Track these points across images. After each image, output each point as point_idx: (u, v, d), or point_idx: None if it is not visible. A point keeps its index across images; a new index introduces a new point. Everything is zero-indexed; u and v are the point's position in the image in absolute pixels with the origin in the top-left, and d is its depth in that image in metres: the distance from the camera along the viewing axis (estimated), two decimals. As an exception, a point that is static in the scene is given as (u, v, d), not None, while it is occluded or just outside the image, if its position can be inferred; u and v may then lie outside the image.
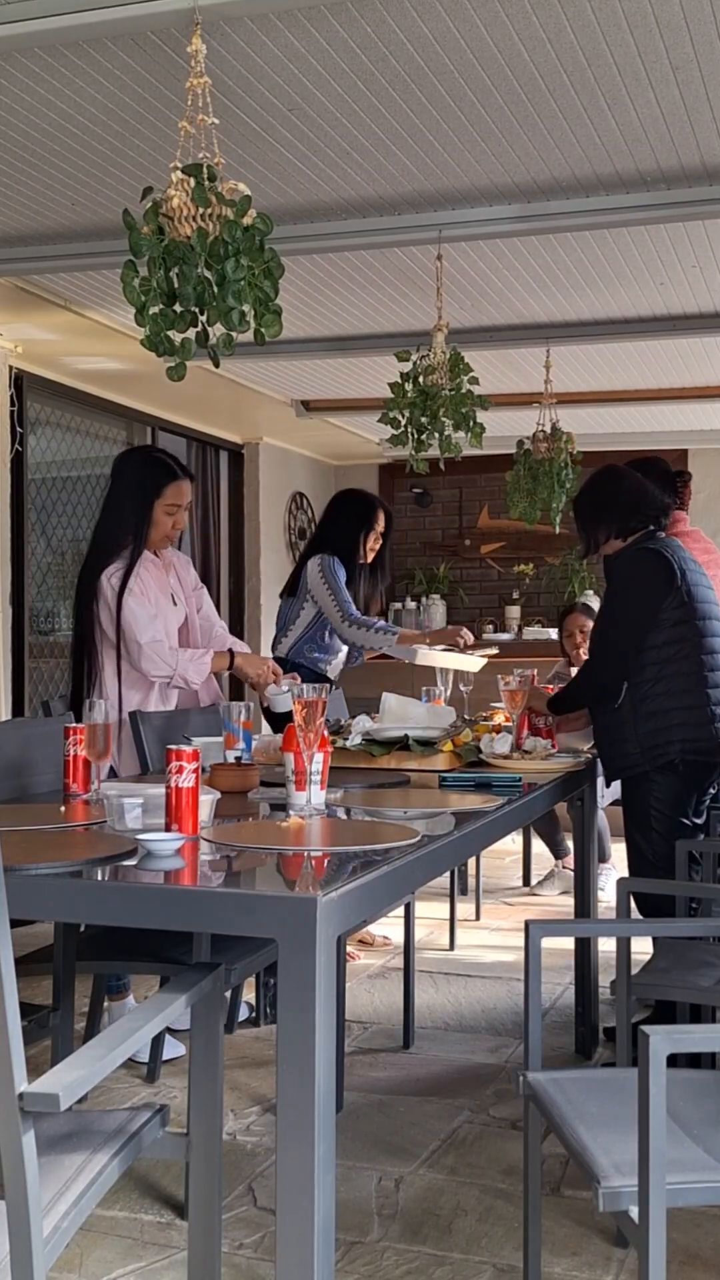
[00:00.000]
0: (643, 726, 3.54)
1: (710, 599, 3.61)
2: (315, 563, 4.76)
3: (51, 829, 2.38)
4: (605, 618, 3.67)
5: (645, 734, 3.53)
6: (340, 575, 4.74)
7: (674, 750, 3.51)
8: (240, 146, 3.71)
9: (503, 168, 3.88)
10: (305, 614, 4.80)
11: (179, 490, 3.87)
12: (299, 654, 4.79)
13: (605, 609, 3.69)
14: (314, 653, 4.80)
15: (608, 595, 3.69)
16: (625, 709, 3.58)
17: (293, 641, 4.82)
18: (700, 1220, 2.71)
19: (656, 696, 3.53)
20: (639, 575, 3.59)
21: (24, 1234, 1.58)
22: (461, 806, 2.69)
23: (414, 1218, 2.75)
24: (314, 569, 4.76)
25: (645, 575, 3.57)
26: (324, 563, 4.75)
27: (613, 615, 3.62)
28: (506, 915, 5.72)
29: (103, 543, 3.85)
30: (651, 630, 3.54)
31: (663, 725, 3.52)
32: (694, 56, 3.17)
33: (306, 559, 4.84)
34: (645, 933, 3.40)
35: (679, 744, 3.51)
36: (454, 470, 5.60)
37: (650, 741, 3.53)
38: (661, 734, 3.52)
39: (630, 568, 3.63)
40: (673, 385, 7.21)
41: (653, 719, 3.53)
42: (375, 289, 5.21)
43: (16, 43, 3.00)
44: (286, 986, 1.74)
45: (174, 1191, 2.85)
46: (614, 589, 3.66)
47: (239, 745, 3.01)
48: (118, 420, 7.36)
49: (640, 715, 3.54)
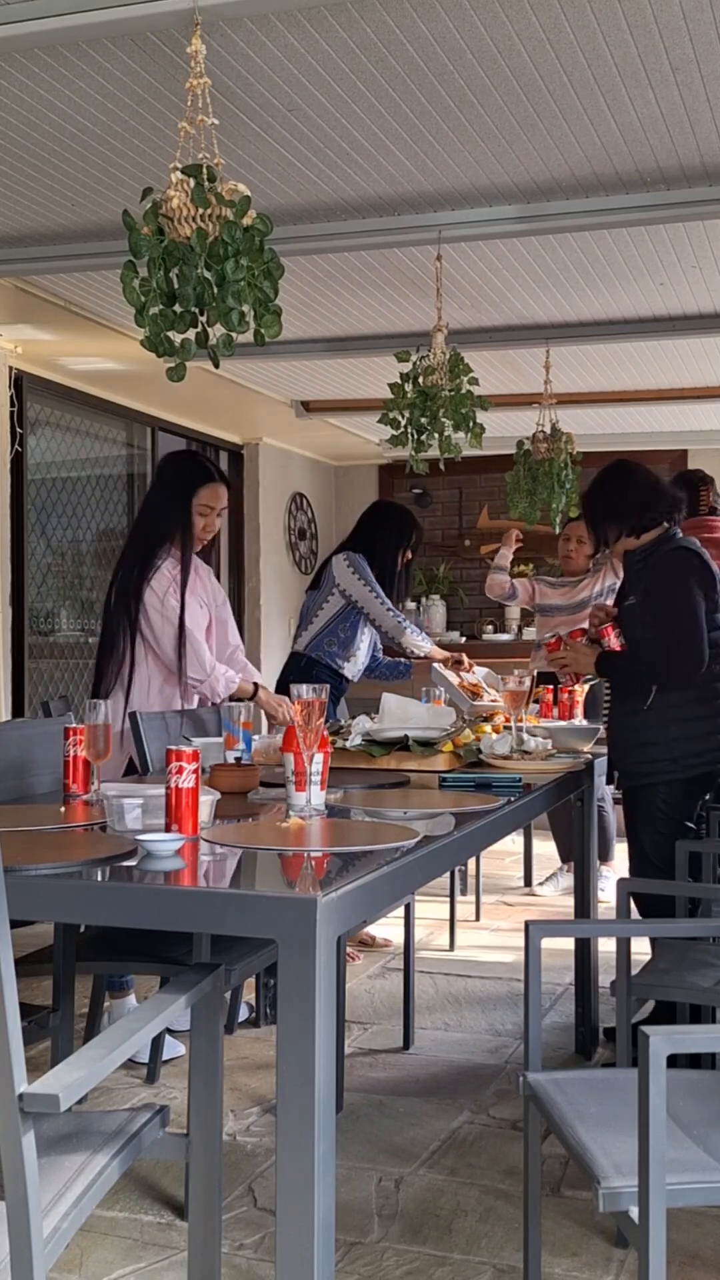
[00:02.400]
0: (674, 732, 3.46)
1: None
2: (342, 558, 4.88)
3: (51, 829, 2.37)
4: (669, 607, 3.47)
5: (676, 740, 3.46)
6: (368, 570, 4.85)
7: (708, 759, 3.44)
8: (240, 147, 3.71)
9: (503, 168, 3.88)
10: (329, 608, 4.88)
11: (214, 493, 3.97)
12: (318, 648, 4.87)
13: (666, 601, 3.49)
14: (333, 648, 4.87)
15: (663, 588, 3.51)
16: (655, 712, 3.48)
17: (312, 636, 4.92)
18: (700, 1220, 2.71)
19: (689, 703, 3.46)
20: (692, 569, 3.50)
21: (24, 1234, 1.58)
22: (461, 807, 2.70)
23: (414, 1218, 2.75)
24: (341, 564, 4.86)
25: (697, 569, 3.50)
26: (351, 559, 4.86)
27: (676, 603, 3.46)
28: (506, 915, 5.72)
29: (143, 539, 3.93)
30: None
31: (697, 732, 3.45)
32: (694, 56, 3.17)
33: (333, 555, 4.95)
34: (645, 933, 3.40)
35: (712, 753, 3.45)
36: (454, 471, 5.60)
37: (682, 749, 3.46)
38: (695, 741, 3.45)
39: (682, 564, 3.51)
40: (672, 386, 7.21)
41: (685, 725, 3.46)
42: (375, 289, 5.21)
43: (16, 43, 3.00)
44: (286, 987, 1.74)
45: (174, 1192, 2.85)
46: (673, 581, 3.50)
47: (239, 745, 3.01)
48: (118, 421, 7.36)
49: (671, 720, 3.46)
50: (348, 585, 4.83)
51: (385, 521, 5.05)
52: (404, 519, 5.09)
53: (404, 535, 5.02)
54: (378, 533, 5.00)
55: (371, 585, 4.82)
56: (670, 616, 3.45)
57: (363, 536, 5.02)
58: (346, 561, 4.85)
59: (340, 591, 4.85)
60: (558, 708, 5.01)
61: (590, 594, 5.98)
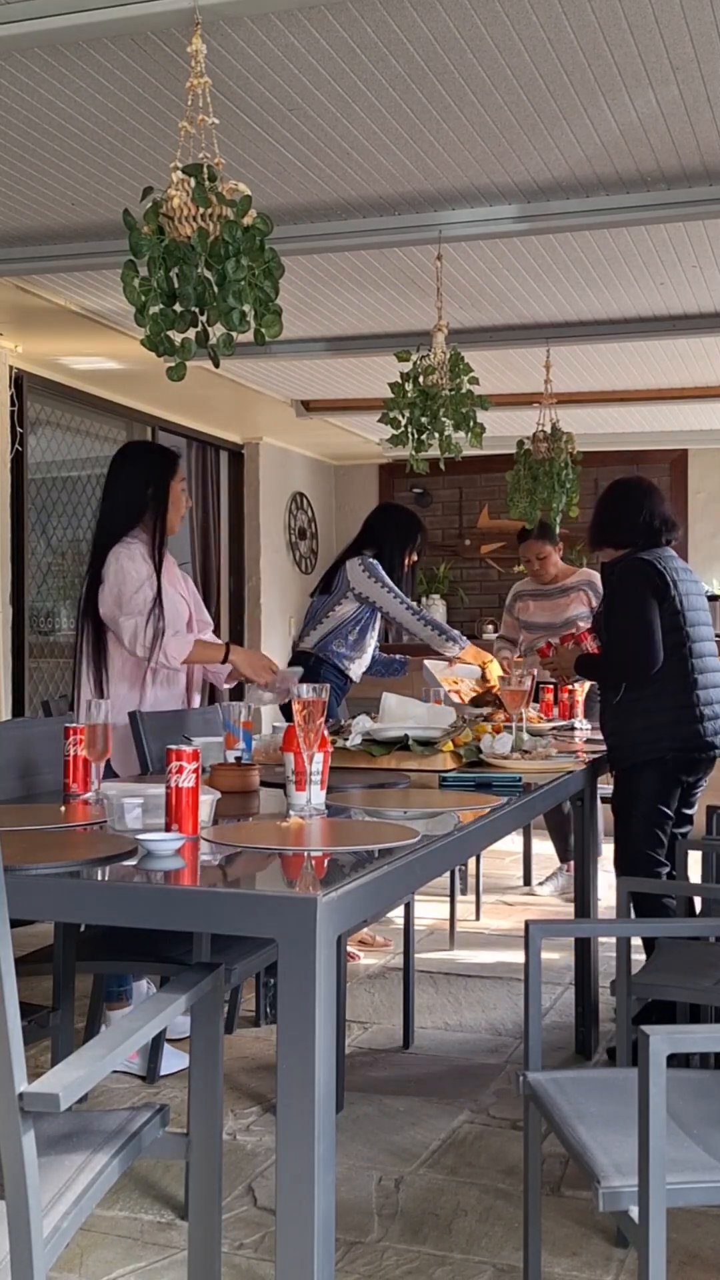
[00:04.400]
0: (635, 723, 3.77)
1: (702, 606, 3.87)
2: (357, 563, 4.90)
3: (51, 829, 2.37)
4: (623, 613, 3.79)
5: (636, 730, 3.77)
6: (384, 573, 4.89)
7: (664, 746, 3.74)
8: (240, 146, 3.71)
9: (503, 168, 3.88)
10: (340, 611, 4.90)
11: (181, 469, 4.05)
12: (325, 648, 4.90)
13: (621, 608, 3.81)
14: (341, 649, 4.89)
15: (619, 597, 3.84)
16: (622, 705, 3.82)
17: (320, 636, 4.94)
18: (700, 1220, 2.71)
19: (647, 698, 3.76)
20: (644, 578, 3.80)
21: (24, 1234, 1.58)
22: (461, 806, 2.69)
23: (414, 1218, 2.75)
24: (357, 568, 4.89)
25: (649, 578, 3.79)
26: (366, 563, 4.90)
27: (628, 610, 3.78)
28: (506, 915, 5.72)
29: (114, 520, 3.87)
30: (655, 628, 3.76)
31: (655, 723, 3.75)
32: (694, 56, 3.17)
33: (344, 560, 4.97)
34: (645, 933, 3.40)
35: (668, 740, 3.73)
36: (454, 470, 5.61)
37: (642, 738, 3.76)
38: (652, 731, 3.74)
39: (635, 574, 3.81)
40: (672, 385, 7.21)
41: (643, 717, 3.76)
42: (375, 289, 5.21)
43: (16, 43, 3.00)
44: (286, 986, 1.74)
45: (174, 1191, 2.85)
46: (626, 590, 3.81)
47: (239, 745, 3.01)
48: (118, 420, 7.36)
49: (635, 713, 3.78)
50: (366, 590, 4.86)
51: (392, 524, 5.09)
52: (410, 521, 5.14)
53: (410, 537, 5.06)
54: (384, 535, 5.04)
55: (391, 589, 4.86)
56: (623, 622, 3.80)
57: (369, 539, 5.05)
58: (362, 566, 4.87)
59: (356, 595, 4.87)
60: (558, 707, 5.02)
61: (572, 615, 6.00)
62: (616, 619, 3.83)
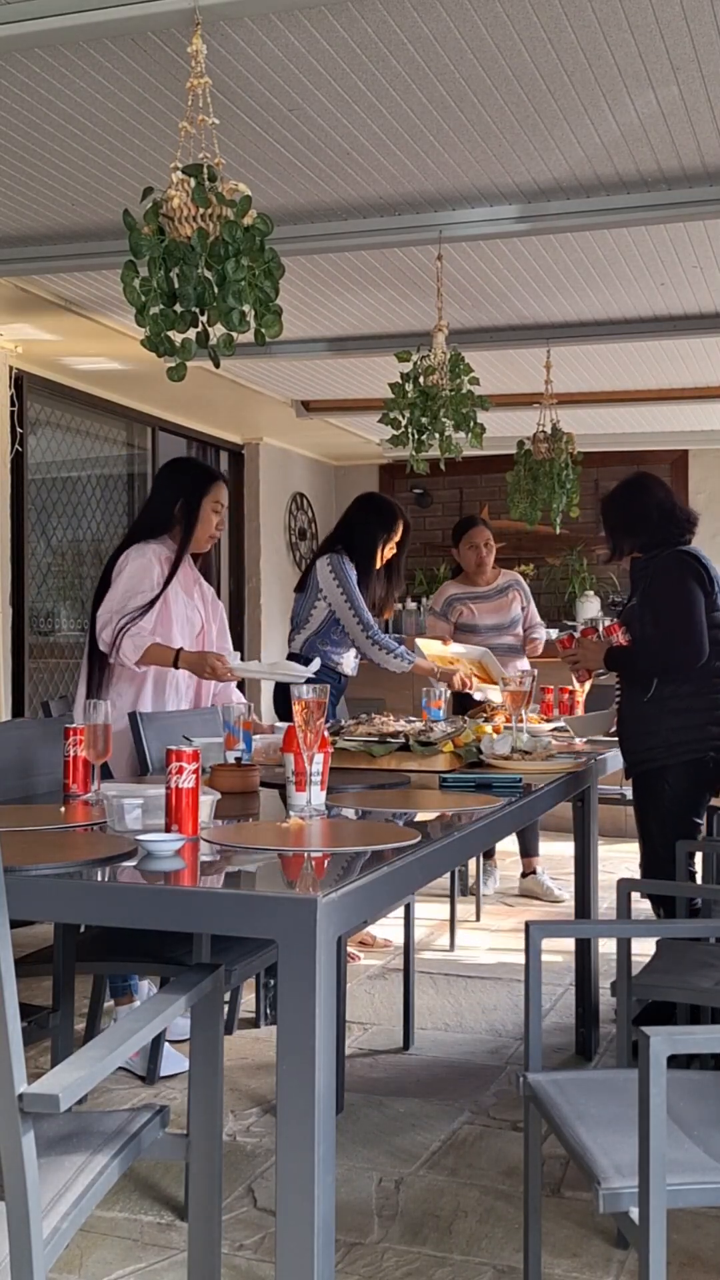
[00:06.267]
0: (670, 722, 3.67)
1: None
2: (325, 562, 4.83)
3: (51, 829, 2.37)
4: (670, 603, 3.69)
5: (672, 730, 3.67)
6: (351, 575, 4.80)
7: (701, 747, 3.65)
8: (240, 146, 3.71)
9: (503, 168, 3.88)
10: (318, 612, 4.85)
11: (221, 489, 4.08)
12: (312, 649, 4.85)
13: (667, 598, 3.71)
14: (326, 646, 4.85)
15: (662, 587, 3.74)
16: (654, 703, 3.71)
17: (306, 637, 4.90)
18: (700, 1221, 2.70)
19: (684, 695, 3.67)
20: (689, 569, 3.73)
21: (24, 1235, 1.58)
22: (461, 807, 2.69)
23: (414, 1219, 2.74)
24: (324, 568, 4.82)
25: (694, 569, 3.73)
26: (333, 562, 4.81)
27: (675, 600, 3.68)
28: (506, 915, 5.72)
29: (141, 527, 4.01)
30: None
31: (691, 723, 3.66)
32: (694, 56, 3.17)
33: (319, 556, 4.90)
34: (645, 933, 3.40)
35: (706, 741, 3.65)
36: (454, 470, 5.60)
37: (677, 738, 3.67)
38: (689, 731, 3.66)
39: (680, 564, 3.74)
40: (672, 386, 7.21)
41: (680, 716, 3.67)
42: (375, 289, 5.21)
43: (16, 43, 3.00)
44: (286, 987, 1.74)
45: (174, 1192, 2.85)
46: (672, 579, 3.72)
47: (239, 745, 3.01)
48: (118, 420, 7.36)
49: (668, 711, 3.68)
50: (328, 591, 4.78)
51: (364, 514, 4.96)
52: (385, 510, 4.96)
53: (383, 527, 4.90)
54: (357, 525, 4.92)
55: (349, 594, 4.75)
56: (671, 612, 3.68)
57: (342, 531, 4.96)
58: (329, 565, 4.79)
59: (323, 597, 4.81)
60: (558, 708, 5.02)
61: (516, 615, 5.97)
62: (660, 611, 3.70)
